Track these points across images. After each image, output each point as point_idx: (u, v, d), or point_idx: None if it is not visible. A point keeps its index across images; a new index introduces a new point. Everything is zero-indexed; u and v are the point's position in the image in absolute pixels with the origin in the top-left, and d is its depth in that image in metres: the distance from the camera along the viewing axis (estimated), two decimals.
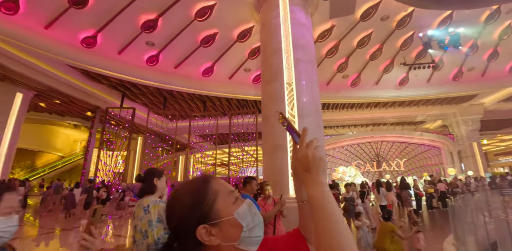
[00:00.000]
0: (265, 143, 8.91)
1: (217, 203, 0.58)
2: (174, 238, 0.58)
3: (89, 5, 8.86)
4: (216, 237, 0.55)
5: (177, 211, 0.58)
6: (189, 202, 0.58)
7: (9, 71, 10.75)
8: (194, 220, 0.56)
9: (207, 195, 0.58)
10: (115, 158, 16.12)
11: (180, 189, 0.62)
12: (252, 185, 3.10)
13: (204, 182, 0.61)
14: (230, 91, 13.57)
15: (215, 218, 0.56)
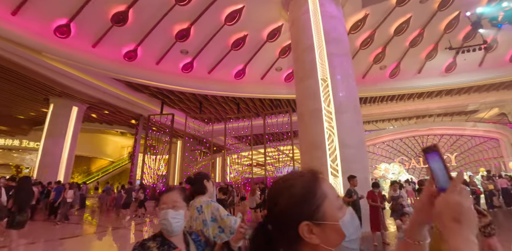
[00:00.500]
0: (302, 142, 8.76)
1: (324, 204, 0.57)
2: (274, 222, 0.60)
3: (129, 22, 9.58)
4: (317, 237, 0.55)
5: (286, 200, 0.59)
6: (299, 195, 0.58)
7: (66, 87, 12.06)
8: (300, 215, 0.56)
9: (316, 194, 0.58)
10: (158, 161, 17.16)
11: (290, 179, 0.62)
12: None
13: (315, 179, 0.61)
14: (263, 92, 13.62)
15: (320, 219, 0.56)
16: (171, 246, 1.16)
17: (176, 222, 1.17)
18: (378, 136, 18.89)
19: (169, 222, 1.16)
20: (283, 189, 0.60)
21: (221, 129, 18.03)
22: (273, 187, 0.63)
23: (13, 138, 24.28)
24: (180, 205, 1.22)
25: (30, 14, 8.86)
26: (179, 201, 1.22)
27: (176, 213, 1.17)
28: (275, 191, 0.62)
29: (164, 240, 1.18)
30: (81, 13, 9.11)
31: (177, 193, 1.26)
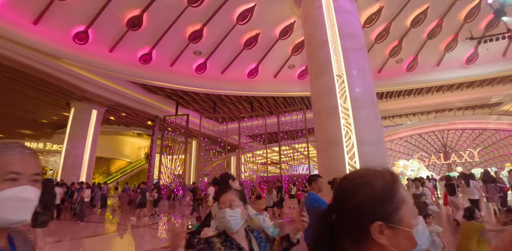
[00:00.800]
0: (318, 139, 8.66)
1: (402, 209, 0.57)
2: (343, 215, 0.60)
3: (143, 26, 9.78)
4: (386, 238, 0.55)
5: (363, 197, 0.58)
6: (379, 195, 0.58)
7: (85, 92, 12.48)
8: (375, 214, 0.56)
9: (395, 197, 0.58)
10: (174, 161, 17.48)
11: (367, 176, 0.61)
12: (318, 182, 3.01)
13: (395, 182, 0.60)
14: (276, 90, 13.56)
15: (396, 222, 0.56)
16: (233, 242, 1.26)
17: (234, 220, 1.26)
18: (396, 132, 18.39)
19: (227, 220, 1.26)
20: (360, 185, 0.60)
21: (235, 128, 18.11)
22: (348, 181, 0.64)
23: (37, 141, 25.48)
24: (237, 204, 1.30)
25: (50, 22, 9.22)
26: (236, 200, 1.32)
27: (233, 211, 1.27)
28: (350, 185, 0.62)
29: (227, 237, 1.27)
30: (98, 19, 9.38)
31: (233, 193, 1.36)
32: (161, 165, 17.04)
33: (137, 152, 31.64)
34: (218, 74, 12.62)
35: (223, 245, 1.24)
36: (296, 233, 1.30)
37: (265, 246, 1.33)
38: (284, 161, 17.60)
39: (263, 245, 1.33)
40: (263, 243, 1.33)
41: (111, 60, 10.81)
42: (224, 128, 17.46)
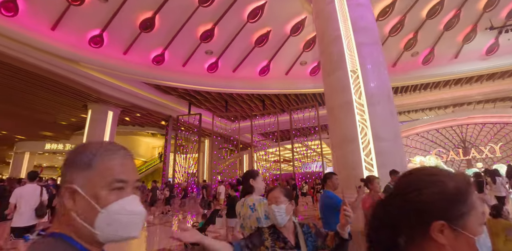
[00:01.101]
0: (333, 136, 8.55)
1: (471, 214, 0.56)
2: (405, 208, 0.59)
3: (156, 28, 9.93)
4: (445, 238, 0.54)
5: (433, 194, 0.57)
6: (450, 195, 0.57)
7: (101, 94, 12.82)
8: (441, 213, 0.55)
9: (467, 201, 0.57)
10: (188, 160, 17.73)
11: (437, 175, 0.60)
12: (333, 180, 3.01)
13: (468, 185, 0.59)
14: (288, 87, 13.49)
15: (460, 226, 0.54)
16: (280, 235, 1.37)
17: (279, 215, 1.37)
18: (412, 127, 17.89)
19: (273, 215, 1.38)
20: (432, 182, 0.59)
21: (247, 126, 18.16)
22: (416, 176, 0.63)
23: (57, 143, 26.44)
24: (282, 200, 1.40)
25: (67, 28, 9.50)
26: (281, 197, 1.42)
27: (278, 207, 1.38)
28: (420, 181, 0.61)
29: (275, 230, 1.39)
30: (112, 23, 9.59)
31: (278, 190, 1.47)
32: (175, 163, 17.34)
33: (152, 152, 32.34)
34: (229, 73, 12.67)
35: (271, 236, 1.36)
36: (343, 229, 1.32)
37: (313, 241, 1.40)
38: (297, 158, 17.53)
39: (310, 239, 1.39)
40: (312, 238, 1.40)
41: (125, 62, 11.05)
42: (236, 126, 17.55)
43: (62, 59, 10.25)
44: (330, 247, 1.38)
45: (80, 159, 0.57)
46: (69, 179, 0.56)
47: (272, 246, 1.32)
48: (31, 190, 4.27)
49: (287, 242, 1.34)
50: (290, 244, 1.33)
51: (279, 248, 1.32)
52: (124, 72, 11.42)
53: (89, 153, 0.58)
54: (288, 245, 1.33)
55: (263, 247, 1.32)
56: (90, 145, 0.61)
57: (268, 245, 1.33)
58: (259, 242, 1.33)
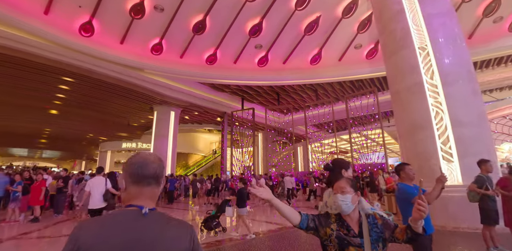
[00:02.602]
0: (400, 123, 7.78)
1: None
2: None
3: (207, 29, 10.34)
4: None
5: None
6: None
7: (164, 96, 14.09)
8: None
9: None
10: (244, 154, 18.33)
11: None
12: (406, 171, 2.78)
13: None
14: (342, 74, 12.70)
15: None
16: (344, 224, 1.44)
17: (344, 204, 1.43)
18: (496, 109, 15.21)
19: (338, 203, 1.44)
20: None
21: (301, 118, 17.83)
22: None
23: (131, 141, 30.25)
24: (347, 191, 1.45)
25: (132, 40, 10.59)
26: (346, 187, 1.47)
27: (343, 196, 1.44)
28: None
29: (340, 217, 1.48)
30: (169, 30, 10.32)
31: (344, 181, 1.52)
32: (232, 157, 18.13)
33: (210, 147, 34.47)
34: (280, 65, 12.52)
35: (336, 222, 1.44)
36: (416, 223, 1.25)
37: (379, 232, 1.40)
38: (355, 149, 16.61)
39: (376, 230, 1.40)
40: (377, 229, 1.41)
41: (182, 65, 11.83)
42: (290, 118, 17.38)
43: (129, 68, 11.51)
44: (400, 240, 1.36)
45: None
46: None
47: (337, 230, 1.42)
48: (99, 181, 5.38)
49: (350, 230, 1.40)
50: (353, 233, 1.39)
51: (343, 234, 1.40)
52: (182, 75, 12.28)
53: None
54: (351, 233, 1.40)
55: (328, 229, 1.43)
56: None
57: (334, 228, 1.42)
58: (325, 223, 1.44)
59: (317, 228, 1.44)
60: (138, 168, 0.94)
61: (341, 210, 1.44)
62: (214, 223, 5.91)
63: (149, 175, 0.93)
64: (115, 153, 33.65)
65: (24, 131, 25.74)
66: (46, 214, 8.40)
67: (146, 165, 0.94)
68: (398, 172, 2.85)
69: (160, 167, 0.96)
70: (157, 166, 0.96)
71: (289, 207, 1.44)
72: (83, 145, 34.51)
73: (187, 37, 10.76)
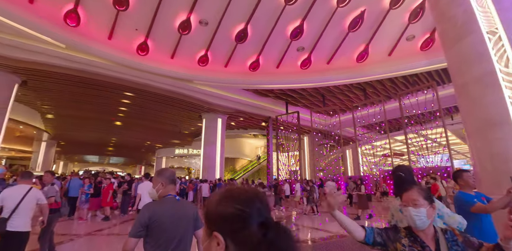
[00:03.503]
0: (469, 120, 6.78)
1: None
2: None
3: (249, 37, 10.62)
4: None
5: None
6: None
7: (211, 104, 14.82)
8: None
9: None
10: (290, 158, 18.08)
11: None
12: (464, 178, 2.52)
13: None
14: (393, 69, 11.74)
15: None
16: (417, 240, 1.26)
17: (419, 219, 1.25)
18: None
19: (411, 218, 1.27)
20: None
21: (349, 119, 16.97)
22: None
23: (183, 148, 32.42)
24: (421, 203, 1.27)
25: (181, 54, 11.44)
26: (419, 199, 1.29)
27: (416, 210, 1.26)
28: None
29: (411, 232, 1.30)
30: (213, 42, 10.88)
31: (416, 192, 1.32)
32: (279, 162, 18.03)
33: (255, 151, 34.98)
34: (323, 66, 12.15)
35: (407, 237, 1.28)
36: (507, 242, 1.09)
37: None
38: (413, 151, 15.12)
39: (456, 248, 1.22)
40: (458, 247, 1.22)
41: (226, 74, 12.32)
42: (337, 120, 16.68)
43: (180, 80, 12.41)
44: None
45: None
46: None
47: (409, 246, 1.26)
48: (147, 185, 5.98)
49: (425, 247, 1.23)
50: (429, 250, 1.22)
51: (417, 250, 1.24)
52: (227, 83, 12.78)
53: None
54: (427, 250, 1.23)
55: (399, 244, 1.28)
56: None
57: (405, 243, 1.27)
58: (394, 238, 1.30)
59: (386, 243, 1.30)
60: (173, 175, 1.89)
61: (415, 225, 1.27)
62: None
63: (175, 179, 1.89)
64: (169, 159, 36.41)
65: (95, 141, 29.63)
66: (115, 214, 9.43)
67: (174, 174, 1.93)
68: (456, 179, 2.62)
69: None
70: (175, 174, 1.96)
71: (351, 221, 1.33)
72: (142, 152, 38.19)
73: (230, 47, 11.19)
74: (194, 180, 15.12)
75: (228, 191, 0.67)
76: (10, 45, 9.30)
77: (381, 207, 12.82)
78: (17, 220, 3.10)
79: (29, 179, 3.46)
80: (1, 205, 3.09)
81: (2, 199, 3.11)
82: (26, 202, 3.18)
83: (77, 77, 11.47)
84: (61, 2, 8.71)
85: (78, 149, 36.68)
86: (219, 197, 0.65)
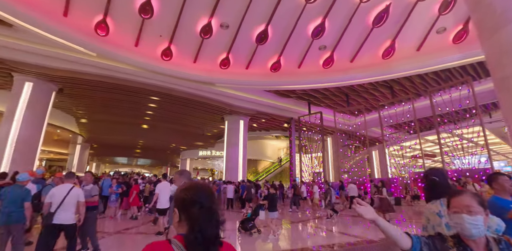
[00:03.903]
0: (511, 118, 6.20)
1: None
2: None
3: (269, 38, 10.58)
4: None
5: None
6: None
7: (233, 106, 14.95)
8: None
9: None
10: (313, 159, 17.68)
11: None
12: (500, 182, 2.30)
13: None
14: (422, 65, 11.08)
15: None
16: (467, 249, 1.16)
17: (475, 228, 1.14)
18: None
19: (465, 227, 1.15)
20: None
21: (374, 118, 16.30)
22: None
23: (206, 150, 33.02)
24: (476, 210, 1.16)
25: (203, 58, 11.66)
26: (474, 206, 1.18)
27: (473, 218, 1.15)
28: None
29: (460, 242, 1.19)
30: (234, 45, 10.98)
31: (469, 197, 1.21)
32: (301, 163, 17.71)
33: (277, 153, 34.75)
34: (347, 64, 11.77)
35: (456, 247, 1.17)
36: None
37: None
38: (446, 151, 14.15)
39: None
40: None
41: (248, 76, 12.36)
42: (362, 120, 16.09)
43: (202, 83, 12.65)
44: None
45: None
46: None
47: None
48: (165, 185, 6.54)
49: None
50: None
51: None
52: (248, 84, 12.82)
53: None
54: None
55: None
56: None
57: None
58: (442, 247, 1.19)
59: None
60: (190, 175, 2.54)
61: (470, 234, 1.15)
62: (250, 225, 6.54)
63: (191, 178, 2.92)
64: (193, 160, 37.27)
65: (124, 143, 31.15)
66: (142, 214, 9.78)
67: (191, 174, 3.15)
68: (490, 183, 2.41)
69: None
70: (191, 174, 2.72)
71: (395, 228, 1.21)
72: (168, 154, 39.51)
73: (251, 49, 11.22)
74: (217, 181, 15.30)
75: (187, 184, 1.04)
76: (48, 56, 10.07)
77: (412, 211, 12.12)
78: (62, 214, 3.67)
79: (72, 179, 4.05)
80: (50, 201, 3.69)
81: (51, 196, 3.72)
82: (69, 199, 3.77)
83: (107, 84, 12.13)
84: (92, 14, 9.25)
85: (109, 151, 38.88)
86: (182, 188, 1.02)
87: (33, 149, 11.20)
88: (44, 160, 30.05)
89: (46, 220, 3.67)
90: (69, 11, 8.97)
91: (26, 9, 8.17)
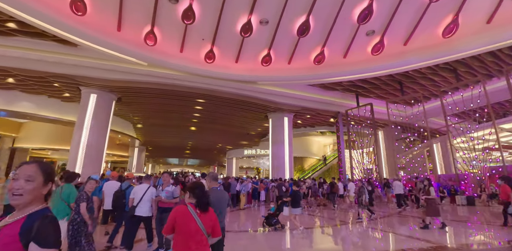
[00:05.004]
0: None
1: None
2: None
3: (311, 29, 10.11)
4: None
5: None
6: None
7: (277, 103, 14.79)
8: None
9: None
10: (364, 155, 16.51)
11: None
12: None
13: None
14: (495, 40, 9.39)
15: None
16: None
17: None
18: None
19: None
20: None
21: (435, 107, 14.59)
22: None
23: (251, 149, 33.43)
24: None
25: (244, 57, 11.69)
26: None
27: None
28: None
29: None
30: (275, 40, 10.75)
31: None
32: (352, 159, 16.69)
33: (323, 150, 33.56)
34: (399, 48, 10.63)
35: None
36: None
37: None
38: None
39: None
40: None
41: (290, 71, 12.02)
42: (419, 110, 14.51)
43: (245, 83, 12.71)
44: None
45: None
46: None
47: None
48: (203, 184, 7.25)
49: None
50: None
51: None
52: (291, 80, 12.48)
53: None
54: None
55: None
56: None
57: None
58: None
59: None
60: (216, 176, 3.35)
61: None
62: (274, 221, 6.79)
63: (217, 178, 3.38)
64: (239, 159, 38.10)
65: (174, 145, 33.28)
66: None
67: (217, 175, 3.58)
68: None
69: None
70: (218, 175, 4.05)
71: None
72: (214, 154, 41.10)
73: (292, 42, 10.86)
74: (264, 180, 15.28)
75: (193, 182, 2.47)
76: (107, 69, 11.14)
77: (489, 213, 10.44)
78: (142, 207, 4.60)
79: (149, 180, 5.04)
80: (133, 197, 4.68)
81: (134, 193, 4.72)
82: (147, 196, 4.68)
83: (158, 90, 12.97)
84: (141, 26, 9.91)
85: (162, 152, 42.05)
86: (192, 183, 2.45)
87: (99, 152, 12.57)
88: (109, 162, 33.83)
89: (130, 212, 4.60)
90: (121, 25, 9.74)
91: (87, 29, 9.10)
